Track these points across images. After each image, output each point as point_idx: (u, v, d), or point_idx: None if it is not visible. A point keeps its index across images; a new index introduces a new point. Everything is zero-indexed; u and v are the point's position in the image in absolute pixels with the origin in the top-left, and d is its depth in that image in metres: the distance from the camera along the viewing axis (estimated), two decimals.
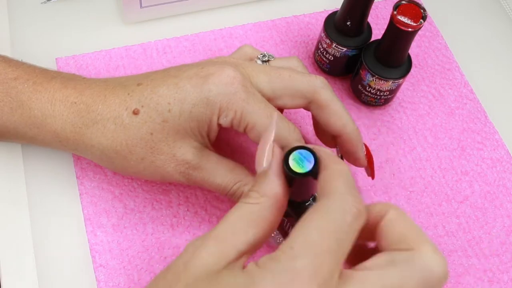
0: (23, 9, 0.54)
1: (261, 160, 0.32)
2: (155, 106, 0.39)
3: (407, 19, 0.45)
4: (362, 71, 0.50)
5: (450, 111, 0.54)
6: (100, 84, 0.41)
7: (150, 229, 0.45)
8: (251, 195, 0.31)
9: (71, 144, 0.41)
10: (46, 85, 0.41)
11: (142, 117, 0.39)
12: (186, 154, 0.40)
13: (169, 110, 0.39)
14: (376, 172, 0.50)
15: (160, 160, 0.40)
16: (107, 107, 0.40)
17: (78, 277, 0.43)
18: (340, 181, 0.30)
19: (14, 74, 0.41)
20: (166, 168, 0.40)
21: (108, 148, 0.40)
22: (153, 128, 0.39)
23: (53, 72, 0.43)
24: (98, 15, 0.55)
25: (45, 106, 0.40)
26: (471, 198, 0.50)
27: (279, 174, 0.32)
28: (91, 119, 0.40)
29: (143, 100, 0.39)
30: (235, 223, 0.30)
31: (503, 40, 0.60)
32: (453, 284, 0.46)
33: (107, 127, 0.40)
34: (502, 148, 0.53)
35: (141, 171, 0.41)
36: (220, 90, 0.38)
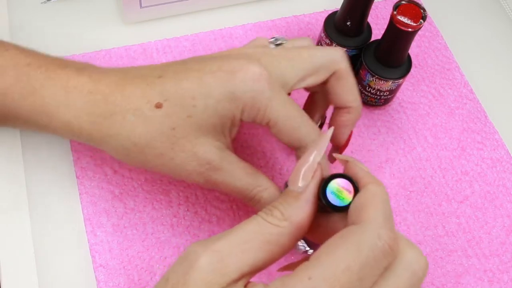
0: (23, 9, 0.54)
1: (297, 178, 0.30)
2: (180, 100, 0.37)
3: (407, 19, 0.45)
4: (362, 71, 0.50)
5: (450, 111, 0.54)
6: (118, 74, 0.40)
7: (150, 229, 0.45)
8: (274, 214, 0.29)
9: (85, 135, 0.39)
10: (59, 71, 0.39)
11: (166, 110, 0.37)
12: (208, 153, 0.38)
13: (194, 106, 0.37)
14: (376, 172, 0.50)
15: (180, 157, 0.38)
16: (126, 98, 0.38)
17: (78, 277, 0.43)
18: (377, 208, 0.28)
19: (26, 61, 0.40)
20: (185, 166, 0.38)
21: (126, 140, 0.38)
22: (177, 123, 0.37)
23: (67, 61, 0.41)
24: (98, 15, 0.55)
25: (58, 94, 0.38)
26: (471, 198, 0.50)
27: (311, 202, 0.30)
28: (108, 110, 0.38)
29: (166, 94, 0.37)
30: (247, 240, 0.28)
31: (503, 40, 0.60)
32: (453, 284, 0.46)
33: (126, 118, 0.38)
34: (502, 148, 0.53)
35: (159, 166, 0.39)
36: (247, 87, 0.37)
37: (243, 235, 0.29)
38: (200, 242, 0.29)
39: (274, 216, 0.29)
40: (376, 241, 0.27)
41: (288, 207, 0.29)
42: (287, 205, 0.29)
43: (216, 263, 0.27)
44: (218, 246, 0.28)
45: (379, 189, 0.29)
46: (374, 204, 0.28)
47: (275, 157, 0.49)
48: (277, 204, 0.30)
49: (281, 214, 0.29)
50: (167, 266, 0.44)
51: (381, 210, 0.28)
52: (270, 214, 0.29)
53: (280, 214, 0.29)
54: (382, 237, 0.27)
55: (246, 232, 0.29)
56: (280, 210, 0.29)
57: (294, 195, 0.30)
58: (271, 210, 0.30)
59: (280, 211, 0.29)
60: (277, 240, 0.29)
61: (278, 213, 0.29)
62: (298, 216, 0.29)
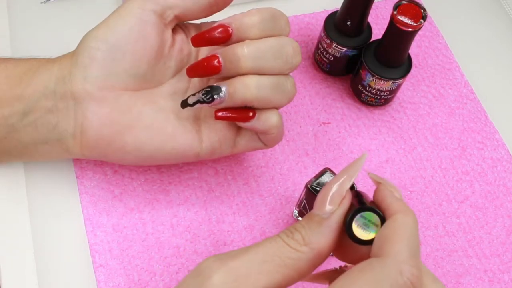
0: (23, 9, 0.54)
1: (324, 203, 0.29)
2: None
3: (407, 19, 0.45)
4: (362, 71, 0.50)
5: (450, 111, 0.54)
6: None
7: (150, 229, 0.45)
8: (295, 237, 0.28)
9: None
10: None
11: None
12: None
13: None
14: (376, 172, 0.50)
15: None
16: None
17: (78, 277, 0.43)
18: (403, 241, 0.26)
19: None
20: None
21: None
22: None
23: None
24: (98, 15, 0.55)
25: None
26: (472, 198, 0.50)
27: (334, 229, 0.29)
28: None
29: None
30: (264, 261, 0.28)
31: (503, 40, 0.60)
32: (453, 284, 0.46)
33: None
34: (503, 148, 0.53)
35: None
36: None
37: (261, 255, 0.28)
38: (216, 257, 0.28)
39: (295, 239, 0.28)
40: (398, 278, 0.25)
41: (310, 232, 0.28)
42: (309, 230, 0.29)
43: (231, 282, 0.27)
44: (234, 264, 0.27)
45: (407, 220, 0.27)
46: (399, 237, 0.27)
47: (275, 157, 0.49)
48: (299, 227, 0.29)
49: (302, 239, 0.28)
50: (167, 266, 0.44)
51: (406, 243, 0.26)
52: (291, 237, 0.28)
53: (301, 239, 0.28)
54: (405, 274, 0.25)
55: (264, 252, 0.28)
56: (302, 234, 0.28)
57: (317, 220, 0.29)
58: (292, 232, 0.29)
59: (302, 235, 0.28)
60: (295, 264, 0.28)
61: (299, 237, 0.28)
62: (320, 243, 0.28)
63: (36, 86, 0.39)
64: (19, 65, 0.41)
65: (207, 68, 0.38)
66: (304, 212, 0.44)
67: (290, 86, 0.40)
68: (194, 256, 0.44)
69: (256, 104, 0.39)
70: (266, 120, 0.40)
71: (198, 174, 0.47)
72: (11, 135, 0.40)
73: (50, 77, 0.39)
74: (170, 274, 0.43)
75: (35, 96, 0.39)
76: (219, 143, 0.42)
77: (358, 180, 0.49)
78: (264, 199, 0.47)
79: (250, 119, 0.39)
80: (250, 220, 0.46)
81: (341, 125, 0.52)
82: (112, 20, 0.39)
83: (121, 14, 0.39)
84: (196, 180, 0.47)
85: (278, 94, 0.39)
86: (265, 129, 0.40)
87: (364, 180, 0.49)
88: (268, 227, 0.46)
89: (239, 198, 0.47)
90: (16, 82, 0.39)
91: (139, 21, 0.39)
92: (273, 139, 0.42)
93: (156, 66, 0.40)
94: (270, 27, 0.38)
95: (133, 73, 0.40)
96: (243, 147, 0.43)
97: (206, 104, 0.38)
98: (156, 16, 0.39)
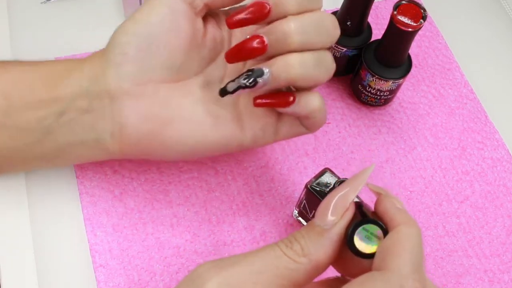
0: (23, 9, 0.54)
1: (325, 213, 0.28)
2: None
3: (407, 19, 0.45)
4: (362, 71, 0.50)
5: (450, 111, 0.54)
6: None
7: (150, 229, 0.45)
8: (294, 247, 0.28)
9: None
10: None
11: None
12: None
13: None
14: (376, 172, 0.50)
15: None
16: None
17: (78, 277, 0.43)
18: (405, 255, 0.26)
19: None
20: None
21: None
22: None
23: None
24: (98, 15, 0.55)
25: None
26: (472, 198, 0.50)
27: (335, 241, 0.28)
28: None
29: None
30: (261, 270, 0.27)
31: (503, 40, 0.60)
32: (453, 284, 0.46)
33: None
34: (503, 148, 0.53)
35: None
36: None
37: (258, 265, 0.27)
38: (213, 264, 0.28)
39: (294, 250, 0.28)
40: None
41: (310, 243, 0.28)
42: (309, 240, 0.28)
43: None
44: (229, 273, 0.27)
45: (410, 232, 0.27)
46: (402, 249, 0.26)
47: (275, 157, 0.49)
48: (299, 236, 0.28)
49: (301, 249, 0.28)
50: (167, 266, 0.44)
51: (409, 256, 0.26)
52: (290, 247, 0.28)
53: (300, 249, 0.28)
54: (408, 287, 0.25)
55: (262, 262, 0.27)
56: (301, 244, 0.28)
57: (318, 231, 0.28)
58: (292, 242, 0.28)
59: (301, 245, 0.28)
60: (291, 275, 0.27)
61: (299, 248, 0.28)
62: (319, 255, 0.28)
63: (70, 86, 0.38)
64: (51, 67, 0.40)
65: (252, 50, 0.36)
66: (304, 212, 0.44)
67: (330, 61, 0.38)
68: (194, 256, 0.44)
69: (300, 83, 0.37)
70: (307, 104, 0.38)
71: (198, 174, 0.47)
72: (47, 137, 0.39)
73: (82, 78, 0.39)
74: (170, 274, 0.43)
75: (69, 97, 0.38)
76: (262, 131, 0.40)
77: None
78: (264, 199, 0.47)
79: (291, 103, 0.37)
80: (250, 220, 0.46)
81: (341, 125, 0.52)
82: (141, 13, 0.38)
83: (150, 5, 0.38)
84: (196, 180, 0.47)
85: (321, 70, 0.37)
86: (307, 113, 0.38)
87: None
88: (268, 227, 0.46)
89: (239, 198, 0.47)
90: (50, 84, 0.39)
91: (170, 11, 0.37)
92: (316, 123, 0.40)
93: (190, 56, 0.39)
94: (306, 2, 0.36)
95: (168, 65, 0.38)
96: (285, 133, 0.41)
97: (248, 89, 0.36)
98: (186, 5, 0.38)
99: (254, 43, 0.36)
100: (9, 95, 0.38)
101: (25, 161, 0.41)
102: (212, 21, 0.41)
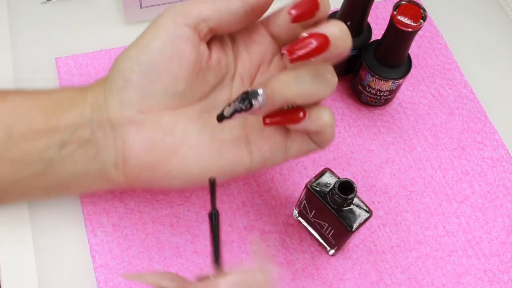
0: (23, 9, 0.54)
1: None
2: None
3: (407, 19, 0.45)
4: (362, 71, 0.50)
5: (450, 111, 0.54)
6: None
7: (150, 229, 0.45)
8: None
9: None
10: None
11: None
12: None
13: None
14: (376, 172, 0.50)
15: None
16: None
17: (78, 277, 0.43)
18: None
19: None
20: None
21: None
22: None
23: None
24: (98, 15, 0.55)
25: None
26: (471, 198, 0.50)
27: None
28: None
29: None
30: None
31: (503, 40, 0.60)
32: (453, 284, 0.46)
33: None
34: (502, 148, 0.53)
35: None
36: None
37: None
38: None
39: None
40: None
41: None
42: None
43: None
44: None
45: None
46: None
47: None
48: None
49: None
50: (167, 266, 0.44)
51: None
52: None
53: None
54: None
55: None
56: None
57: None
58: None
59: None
60: None
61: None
62: None
63: (71, 116, 0.38)
64: (53, 96, 0.39)
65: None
66: (304, 212, 0.45)
67: (329, 74, 0.37)
68: (194, 256, 0.44)
69: (299, 101, 0.36)
70: (317, 119, 0.37)
71: None
72: (49, 169, 0.38)
73: (85, 106, 0.38)
74: None
75: (71, 127, 0.37)
76: (270, 153, 0.39)
77: (357, 180, 0.49)
78: (264, 199, 0.47)
79: (301, 119, 0.37)
80: (250, 220, 0.46)
81: (341, 125, 0.52)
82: (144, 38, 0.37)
83: (153, 30, 0.37)
84: None
85: (320, 85, 0.36)
86: (318, 128, 0.38)
87: (364, 180, 0.49)
88: (268, 227, 0.46)
89: (239, 198, 0.47)
90: (51, 113, 0.38)
91: (173, 36, 0.37)
92: (327, 139, 0.39)
93: (194, 82, 0.38)
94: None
95: (172, 91, 0.37)
96: (295, 151, 0.40)
97: (244, 112, 0.35)
98: (190, 29, 0.37)
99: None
100: (8, 126, 0.37)
101: (26, 193, 0.40)
102: (217, 44, 0.40)
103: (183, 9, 0.37)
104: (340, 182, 0.40)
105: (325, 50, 0.34)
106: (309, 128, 0.38)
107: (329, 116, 0.38)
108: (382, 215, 0.48)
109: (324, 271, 0.45)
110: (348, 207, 0.41)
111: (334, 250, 0.45)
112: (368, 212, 0.41)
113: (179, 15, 0.37)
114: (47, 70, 0.51)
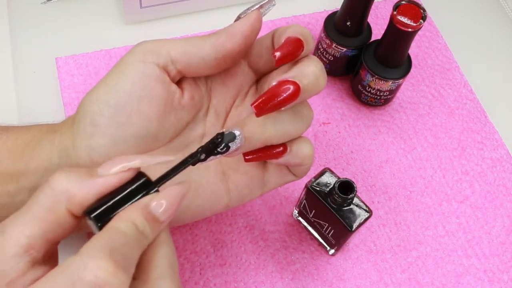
0: (23, 9, 0.54)
1: (111, 166, 0.30)
2: None
3: (407, 19, 0.45)
4: (362, 71, 0.50)
5: (450, 111, 0.54)
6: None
7: None
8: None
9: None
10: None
11: None
12: None
13: None
14: (376, 172, 0.50)
15: None
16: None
17: None
18: (100, 241, 0.27)
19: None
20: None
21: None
22: None
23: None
24: (98, 15, 0.55)
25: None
26: (471, 198, 0.50)
27: (98, 190, 0.30)
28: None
29: None
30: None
31: (502, 40, 0.60)
32: (453, 284, 0.46)
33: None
34: (502, 148, 0.53)
35: None
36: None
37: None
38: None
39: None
40: (82, 274, 0.26)
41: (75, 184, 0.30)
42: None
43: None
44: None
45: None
46: (98, 237, 0.28)
47: None
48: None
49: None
50: None
51: (102, 242, 0.27)
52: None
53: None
54: (89, 269, 0.26)
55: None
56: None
57: (90, 173, 0.30)
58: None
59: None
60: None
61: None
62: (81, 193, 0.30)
63: (39, 161, 0.36)
64: (21, 136, 0.37)
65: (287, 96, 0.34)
66: (304, 212, 0.45)
67: (306, 109, 0.36)
68: (194, 256, 0.44)
69: (277, 141, 0.35)
70: (298, 152, 0.36)
71: None
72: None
73: (52, 150, 0.36)
74: None
75: (39, 172, 0.36)
76: (248, 189, 0.38)
77: (357, 180, 0.49)
78: (264, 199, 0.47)
79: (283, 153, 0.36)
80: (250, 220, 0.46)
81: (341, 125, 0.52)
82: (112, 77, 0.35)
83: (121, 69, 0.35)
84: None
85: (297, 123, 0.36)
86: (299, 161, 0.37)
87: (364, 180, 0.49)
88: (268, 227, 0.46)
89: None
90: (18, 156, 0.36)
91: (141, 75, 0.35)
92: (306, 169, 0.39)
93: (166, 121, 0.36)
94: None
95: (143, 134, 0.35)
96: (273, 184, 0.39)
97: (220, 155, 0.33)
98: (159, 69, 0.35)
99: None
100: None
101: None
102: (188, 79, 0.38)
103: (152, 47, 0.35)
104: (340, 182, 0.40)
105: (296, 99, 0.34)
106: (290, 162, 0.37)
107: (309, 148, 0.37)
108: (382, 215, 0.48)
109: (324, 271, 0.45)
110: (348, 207, 0.41)
111: (334, 250, 0.45)
112: (368, 212, 0.41)
113: (148, 53, 0.35)
114: (47, 70, 0.51)
